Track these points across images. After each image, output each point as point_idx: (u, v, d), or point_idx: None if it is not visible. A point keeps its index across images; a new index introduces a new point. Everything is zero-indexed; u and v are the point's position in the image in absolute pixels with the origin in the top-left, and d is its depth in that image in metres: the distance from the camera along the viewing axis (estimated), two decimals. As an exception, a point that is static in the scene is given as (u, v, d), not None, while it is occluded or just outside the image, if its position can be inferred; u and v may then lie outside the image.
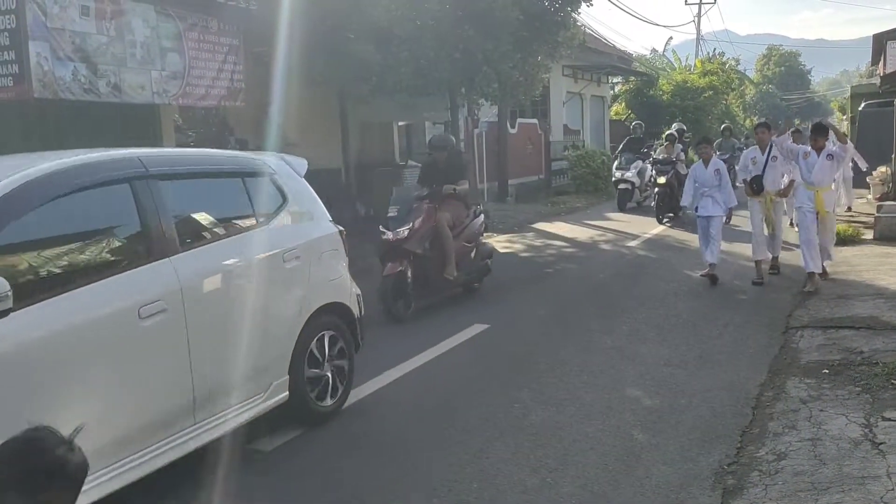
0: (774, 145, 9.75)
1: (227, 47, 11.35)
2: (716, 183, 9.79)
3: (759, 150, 9.81)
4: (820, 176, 8.98)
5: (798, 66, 74.31)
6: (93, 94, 9.32)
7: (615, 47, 34.23)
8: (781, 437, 4.70)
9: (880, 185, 17.32)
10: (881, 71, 20.98)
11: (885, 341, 6.55)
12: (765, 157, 9.66)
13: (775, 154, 9.53)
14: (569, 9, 15.56)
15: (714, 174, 9.82)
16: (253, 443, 5.00)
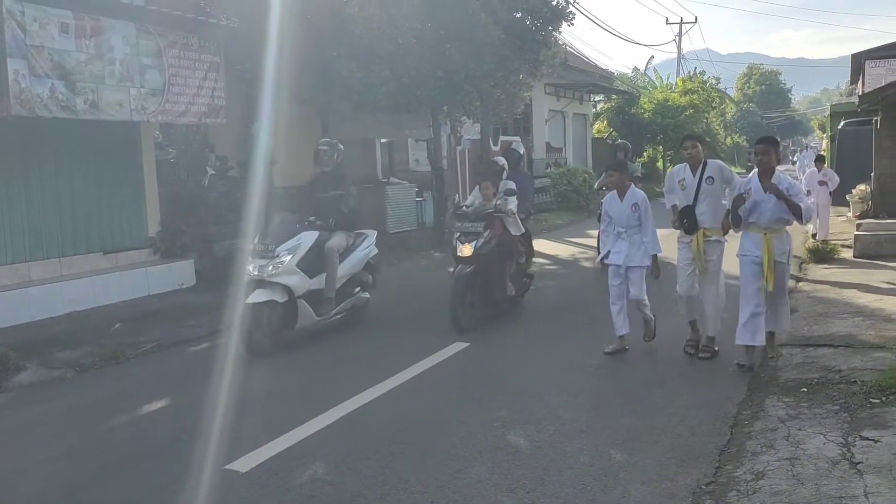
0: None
1: (208, 64, 11.33)
2: (634, 222, 7.38)
3: (690, 170, 7.13)
4: (773, 214, 6.58)
5: (778, 85, 75.24)
6: (70, 111, 9.28)
7: (597, 66, 34.47)
8: (760, 456, 4.68)
9: (860, 203, 17.47)
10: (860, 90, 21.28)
11: (864, 360, 6.57)
12: (696, 178, 7.05)
13: (711, 174, 7.01)
14: (550, 28, 15.64)
15: (632, 209, 7.37)
16: (229, 464, 4.93)
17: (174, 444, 5.35)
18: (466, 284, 8.47)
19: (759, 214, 6.57)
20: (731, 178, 7.04)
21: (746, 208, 6.54)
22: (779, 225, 6.62)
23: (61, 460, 5.24)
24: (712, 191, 6.98)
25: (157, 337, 8.67)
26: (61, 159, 10.34)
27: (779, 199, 6.44)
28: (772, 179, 6.50)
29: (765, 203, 6.51)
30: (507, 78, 15.35)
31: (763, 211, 6.54)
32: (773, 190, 6.46)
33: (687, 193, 7.06)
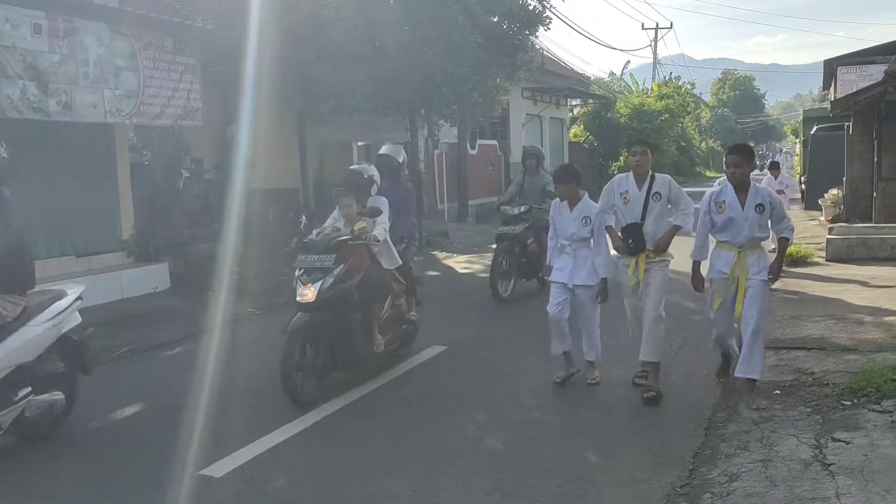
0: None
1: (184, 67, 11.26)
2: (585, 235, 6.49)
3: (635, 181, 6.19)
4: (751, 231, 5.85)
5: (753, 90, 76.07)
6: (42, 112, 9.18)
7: (574, 70, 34.70)
8: (733, 458, 4.72)
9: (832, 207, 17.71)
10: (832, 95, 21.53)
11: (836, 362, 6.65)
12: (643, 192, 6.12)
13: (659, 190, 6.11)
14: (527, 32, 15.73)
15: (582, 223, 6.47)
16: (203, 469, 4.89)
17: (148, 450, 5.30)
18: (304, 341, 6.23)
19: (736, 232, 5.86)
20: (679, 197, 6.12)
21: (718, 225, 5.90)
22: (754, 243, 5.92)
23: (37, 465, 5.17)
24: (659, 209, 6.09)
25: (130, 341, 8.58)
26: (33, 161, 10.21)
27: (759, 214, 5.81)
28: (748, 193, 5.83)
29: (741, 220, 5.80)
30: (485, 82, 15.40)
31: (740, 228, 5.83)
32: None
33: (631, 208, 6.11)
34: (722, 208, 5.86)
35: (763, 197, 5.85)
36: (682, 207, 6.14)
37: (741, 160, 5.82)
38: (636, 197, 6.13)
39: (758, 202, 5.82)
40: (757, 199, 5.83)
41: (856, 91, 15.88)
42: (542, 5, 15.78)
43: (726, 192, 5.88)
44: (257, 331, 9.10)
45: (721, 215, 5.88)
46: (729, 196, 5.87)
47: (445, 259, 15.17)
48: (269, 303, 10.31)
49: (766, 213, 5.85)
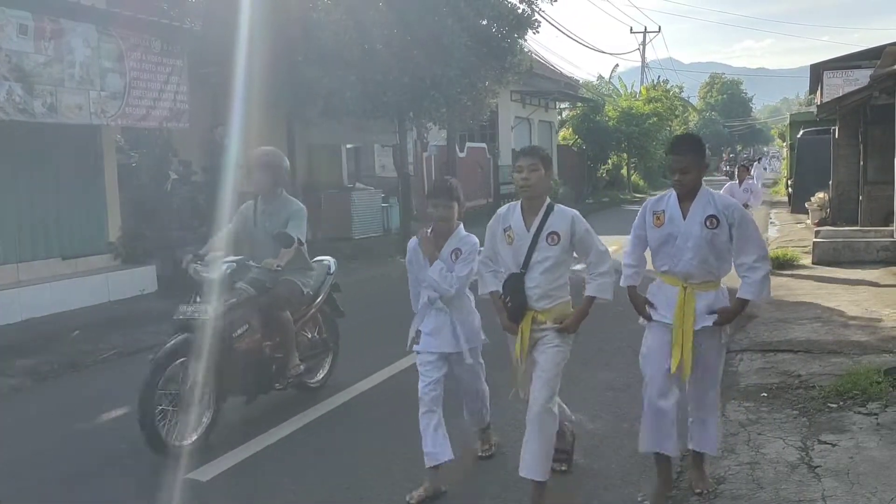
0: None
1: (171, 68, 11.21)
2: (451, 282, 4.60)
3: (522, 215, 4.34)
4: (697, 256, 4.17)
5: (740, 94, 76.39)
6: (27, 113, 9.13)
7: (562, 74, 34.79)
8: (720, 461, 4.73)
9: (818, 211, 17.80)
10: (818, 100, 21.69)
11: (822, 365, 6.68)
12: (532, 231, 4.29)
13: (555, 230, 4.26)
14: (516, 35, 15.76)
15: (451, 258, 4.63)
16: (190, 472, 4.87)
17: (135, 454, 5.27)
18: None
19: (675, 255, 4.18)
20: (587, 243, 4.26)
21: (653, 245, 4.30)
22: (706, 275, 4.18)
23: (19, 470, 5.13)
24: (554, 257, 4.23)
25: (117, 344, 8.54)
26: (19, 162, 10.15)
27: (710, 232, 4.11)
28: (695, 200, 4.18)
29: (682, 238, 4.15)
30: (474, 84, 15.42)
31: (680, 250, 4.16)
32: None
33: (515, 251, 4.29)
34: (660, 220, 4.24)
35: (717, 206, 4.12)
36: (593, 259, 4.26)
37: (687, 162, 4.13)
38: (522, 236, 4.26)
39: (708, 213, 4.10)
40: (707, 208, 4.13)
41: (842, 95, 15.99)
42: (530, 9, 15.81)
43: (668, 200, 4.27)
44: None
45: (658, 231, 4.24)
46: (670, 204, 4.24)
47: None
48: (257, 305, 10.27)
49: (723, 230, 4.10)
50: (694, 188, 4.18)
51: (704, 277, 4.19)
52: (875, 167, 15.10)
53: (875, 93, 13.39)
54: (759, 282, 4.10)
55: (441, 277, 4.57)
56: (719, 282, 4.28)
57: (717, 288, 4.25)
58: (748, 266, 4.11)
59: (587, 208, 27.77)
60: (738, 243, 4.13)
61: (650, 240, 4.31)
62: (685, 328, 4.15)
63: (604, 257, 4.27)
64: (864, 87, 14.26)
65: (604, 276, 4.23)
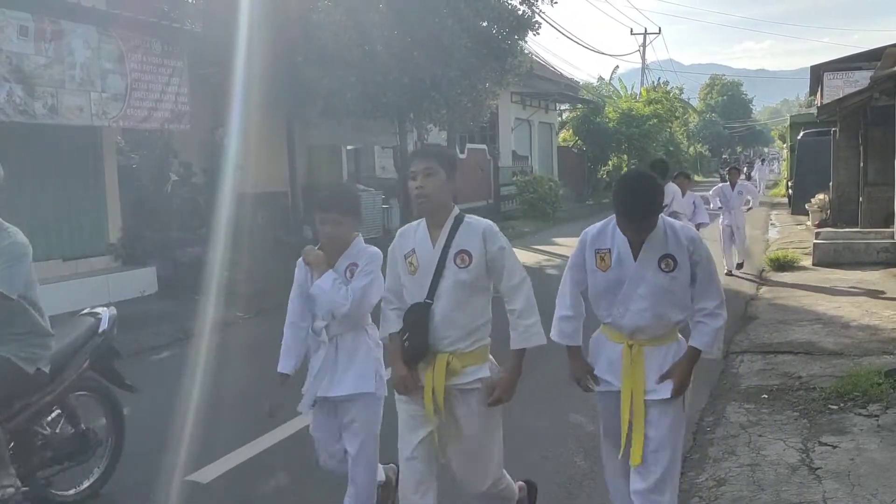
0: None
1: (171, 69, 11.22)
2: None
3: (429, 230, 3.45)
4: (650, 304, 3.36)
5: (740, 96, 76.38)
6: (28, 115, 9.14)
7: (563, 75, 34.78)
8: (721, 462, 4.73)
9: (818, 212, 17.82)
10: (819, 101, 21.70)
11: (823, 366, 6.68)
12: (438, 249, 3.38)
13: (465, 247, 3.36)
14: (516, 37, 15.75)
15: (345, 272, 3.75)
16: (190, 474, 4.87)
17: (134, 455, 5.26)
18: None
19: (623, 305, 3.36)
20: (497, 260, 3.33)
21: (596, 293, 3.44)
22: (660, 328, 3.37)
23: (17, 472, 5.12)
24: (467, 279, 3.32)
25: (117, 345, 8.52)
26: (19, 164, 10.14)
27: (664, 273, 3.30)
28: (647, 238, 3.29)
29: (634, 284, 3.32)
30: (474, 86, 15.41)
31: (630, 298, 3.33)
32: None
33: (420, 279, 3.37)
34: (605, 262, 3.36)
35: (676, 242, 3.30)
36: (507, 290, 3.36)
37: (653, 216, 3.25)
38: (427, 258, 3.36)
39: (663, 253, 3.28)
40: (662, 245, 3.29)
41: (842, 97, 16.00)
42: (531, 10, 15.81)
43: (614, 234, 3.37)
44: (245, 335, 9.07)
45: (602, 275, 3.38)
46: (617, 241, 3.35)
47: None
48: (258, 307, 10.26)
49: (683, 272, 3.29)
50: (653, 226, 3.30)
51: (657, 331, 3.37)
52: (875, 169, 15.10)
53: (875, 94, 13.40)
54: (715, 331, 3.36)
55: (333, 288, 3.63)
56: (675, 333, 3.44)
57: (672, 341, 3.41)
58: (708, 312, 3.35)
59: (588, 209, 27.82)
60: (700, 286, 3.35)
61: (591, 284, 3.42)
62: (634, 399, 3.32)
63: (522, 286, 3.33)
64: (865, 88, 14.26)
65: (527, 315, 3.32)
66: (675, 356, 3.39)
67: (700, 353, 3.38)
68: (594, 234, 3.43)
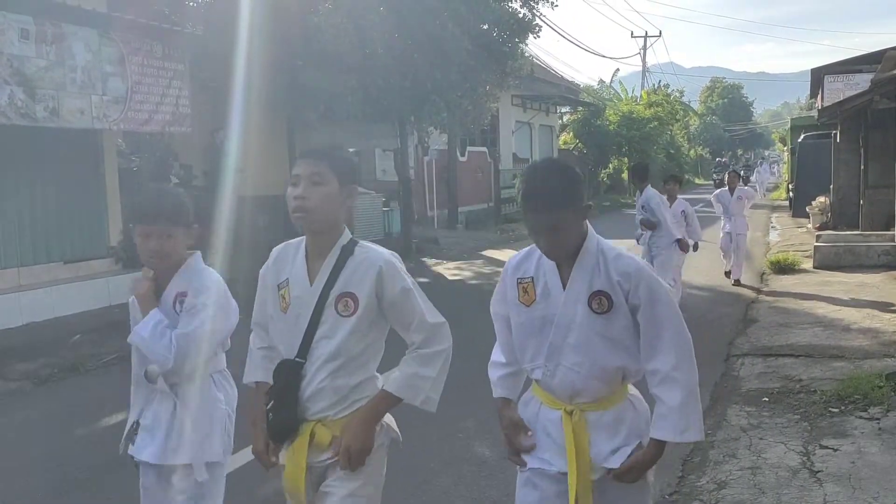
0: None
1: (172, 72, 11.22)
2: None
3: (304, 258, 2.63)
4: (588, 355, 2.51)
5: (741, 98, 76.50)
6: (29, 118, 9.14)
7: (563, 78, 34.83)
8: (722, 465, 4.73)
9: (819, 215, 17.81)
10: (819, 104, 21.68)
11: (823, 369, 6.67)
12: (317, 287, 2.56)
13: (351, 289, 2.53)
14: (517, 40, 15.77)
15: (173, 304, 2.97)
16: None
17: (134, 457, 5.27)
18: None
19: (553, 356, 2.57)
20: (400, 304, 2.58)
21: (520, 337, 2.65)
22: (603, 388, 2.56)
23: (19, 474, 5.13)
24: (350, 330, 2.56)
25: (118, 348, 8.51)
26: (21, 167, 10.16)
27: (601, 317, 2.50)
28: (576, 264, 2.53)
29: (563, 329, 2.54)
30: (475, 89, 15.43)
31: (558, 349, 2.55)
32: None
33: (289, 322, 2.63)
34: (529, 295, 2.59)
35: (604, 277, 2.50)
36: (417, 338, 2.61)
37: (562, 217, 2.41)
38: (303, 295, 2.59)
39: (595, 289, 2.49)
40: (594, 278, 2.50)
41: (843, 99, 15.98)
42: (531, 13, 15.83)
43: (538, 260, 2.61)
44: (245, 337, 9.04)
45: (526, 312, 2.60)
46: (544, 268, 2.58)
47: (435, 266, 15.17)
48: (258, 310, 10.27)
49: (620, 315, 2.49)
50: (575, 244, 2.50)
51: (599, 392, 2.54)
52: (876, 171, 15.10)
53: (876, 97, 13.39)
54: (681, 406, 2.43)
55: (154, 336, 2.83)
56: (625, 391, 2.61)
57: (621, 402, 2.57)
58: (663, 376, 2.44)
59: (588, 212, 27.81)
60: (646, 336, 2.47)
61: (514, 325, 2.64)
62: (579, 480, 2.48)
63: (437, 334, 2.58)
64: (865, 91, 14.26)
65: (427, 364, 2.56)
66: (631, 424, 2.54)
67: (665, 445, 2.49)
68: (517, 260, 2.66)
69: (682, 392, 2.45)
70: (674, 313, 2.49)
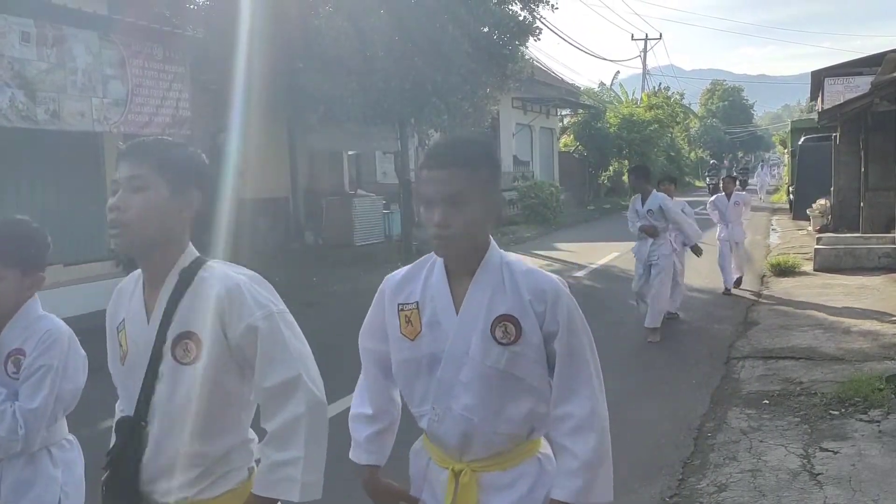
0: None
1: (173, 75, 11.24)
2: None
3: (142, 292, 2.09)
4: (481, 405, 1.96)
5: (741, 101, 76.51)
6: (30, 121, 9.16)
7: (563, 80, 34.84)
8: (722, 468, 4.73)
9: (820, 217, 17.82)
10: (820, 106, 21.70)
11: (824, 372, 6.67)
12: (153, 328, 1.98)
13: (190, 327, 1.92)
14: (517, 42, 15.78)
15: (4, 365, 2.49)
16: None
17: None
18: None
19: (441, 400, 2.00)
20: (255, 345, 1.89)
21: (402, 377, 2.10)
22: (501, 441, 2.00)
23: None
24: (190, 383, 1.90)
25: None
26: (21, 169, 10.17)
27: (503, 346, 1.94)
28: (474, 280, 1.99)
29: (453, 366, 1.97)
30: (475, 91, 15.44)
31: (447, 387, 1.99)
32: None
33: (128, 374, 2.07)
34: (412, 325, 2.03)
35: (512, 295, 1.97)
36: (268, 399, 1.93)
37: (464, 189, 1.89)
38: (140, 338, 2.01)
39: (500, 312, 1.95)
40: (497, 298, 1.97)
41: (843, 102, 15.99)
42: (532, 16, 15.84)
43: (424, 278, 2.07)
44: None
45: (409, 346, 2.04)
46: (433, 290, 2.04)
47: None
48: (258, 312, 10.27)
49: (529, 346, 1.96)
50: (474, 247, 1.98)
51: (497, 447, 2.00)
52: (876, 174, 15.10)
53: (876, 100, 13.39)
54: (594, 462, 1.97)
55: None
56: (534, 448, 2.07)
57: (526, 460, 2.05)
58: (577, 424, 1.96)
59: (589, 214, 27.83)
60: (562, 372, 1.95)
61: (395, 362, 2.07)
62: None
63: (287, 397, 1.89)
64: (866, 93, 14.26)
65: (286, 445, 1.89)
66: (535, 487, 2.01)
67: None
68: (398, 280, 2.09)
69: (598, 445, 1.98)
70: (592, 346, 2.01)
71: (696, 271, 10.81)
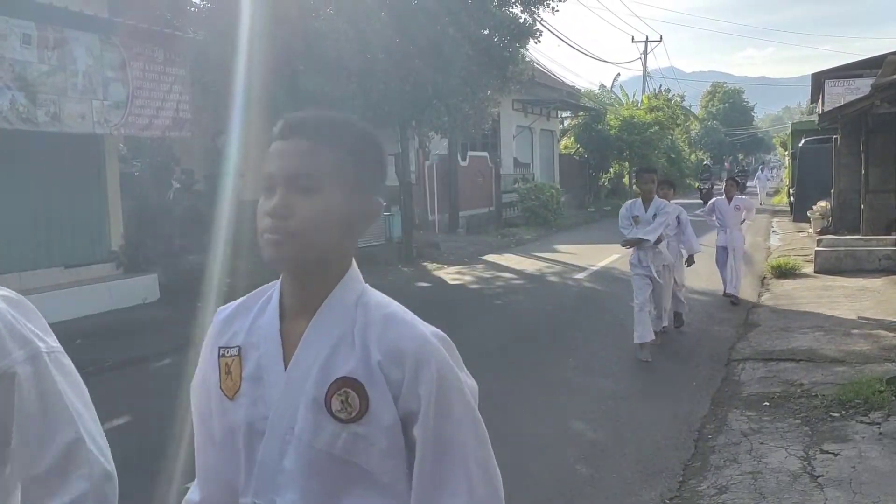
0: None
1: (173, 77, 11.24)
2: None
3: None
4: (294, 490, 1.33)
5: (741, 103, 76.45)
6: (31, 123, 9.16)
7: (564, 83, 34.85)
8: (723, 470, 4.72)
9: (820, 219, 17.81)
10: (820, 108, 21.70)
11: (824, 374, 6.66)
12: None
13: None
14: (517, 44, 15.79)
15: None
16: (189, 482, 4.86)
17: (133, 463, 5.26)
18: None
19: (265, 489, 1.36)
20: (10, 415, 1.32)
21: (217, 450, 1.47)
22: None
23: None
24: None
25: (119, 353, 8.54)
26: (22, 171, 10.17)
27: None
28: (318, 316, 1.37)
29: (280, 435, 1.35)
30: (475, 94, 15.44)
31: (268, 477, 1.36)
32: None
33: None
34: (233, 376, 1.42)
35: (360, 353, 1.33)
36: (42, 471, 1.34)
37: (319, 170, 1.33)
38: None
39: (340, 374, 1.33)
40: (340, 352, 1.34)
41: (843, 104, 15.98)
42: (532, 18, 15.86)
43: (259, 320, 1.46)
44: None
45: (230, 408, 1.41)
46: (263, 329, 1.43)
47: (436, 270, 15.16)
48: (259, 314, 10.27)
49: (379, 426, 1.32)
50: (321, 265, 1.37)
51: None
52: (877, 175, 15.10)
53: (876, 101, 13.39)
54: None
55: None
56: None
57: None
58: None
59: (589, 216, 27.83)
60: (421, 474, 1.34)
61: (216, 429, 1.48)
62: None
63: (73, 459, 1.37)
64: (866, 95, 14.26)
65: None
66: None
67: None
68: (227, 314, 1.55)
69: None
70: (476, 429, 1.42)
71: (695, 274, 10.81)
